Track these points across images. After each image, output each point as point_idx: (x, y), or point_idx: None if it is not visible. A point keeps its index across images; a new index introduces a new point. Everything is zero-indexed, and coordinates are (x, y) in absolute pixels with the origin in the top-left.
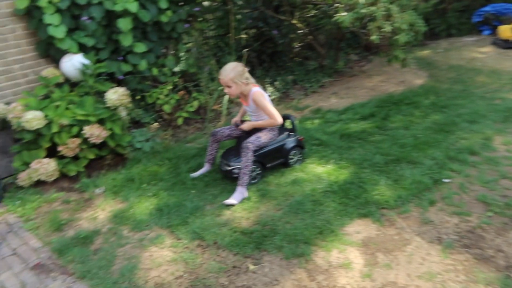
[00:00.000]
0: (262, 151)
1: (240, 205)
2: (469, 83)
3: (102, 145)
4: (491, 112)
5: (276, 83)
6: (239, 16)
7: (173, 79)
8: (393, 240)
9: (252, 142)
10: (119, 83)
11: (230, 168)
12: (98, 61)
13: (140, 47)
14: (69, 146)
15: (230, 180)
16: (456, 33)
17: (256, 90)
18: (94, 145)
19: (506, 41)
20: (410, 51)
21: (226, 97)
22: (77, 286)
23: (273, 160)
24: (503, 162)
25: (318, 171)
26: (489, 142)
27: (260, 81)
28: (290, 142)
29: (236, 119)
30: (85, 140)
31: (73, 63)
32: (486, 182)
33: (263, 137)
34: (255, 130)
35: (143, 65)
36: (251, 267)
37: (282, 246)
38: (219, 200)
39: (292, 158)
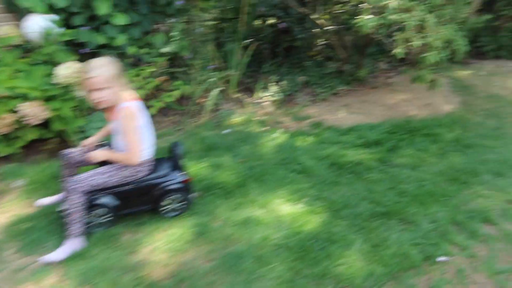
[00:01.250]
0: (117, 190)
1: (166, 242)
2: (506, 121)
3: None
4: None
5: (283, 82)
6: (255, 0)
7: (159, 61)
8: None
9: (81, 181)
10: (93, 56)
11: (58, 209)
12: (69, 27)
13: (120, 19)
14: (3, 122)
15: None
16: (506, 56)
17: (129, 105)
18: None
19: None
20: (447, 69)
21: (217, 90)
22: None
23: (133, 205)
24: None
25: (283, 212)
26: None
27: (265, 77)
28: (169, 183)
29: (89, 141)
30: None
31: (34, 24)
32: (496, 272)
33: (107, 175)
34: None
35: (120, 39)
36: None
37: None
38: (145, 230)
39: (166, 207)
